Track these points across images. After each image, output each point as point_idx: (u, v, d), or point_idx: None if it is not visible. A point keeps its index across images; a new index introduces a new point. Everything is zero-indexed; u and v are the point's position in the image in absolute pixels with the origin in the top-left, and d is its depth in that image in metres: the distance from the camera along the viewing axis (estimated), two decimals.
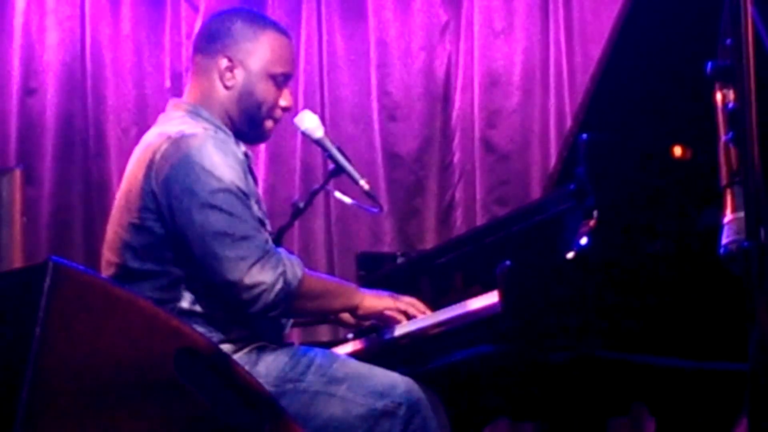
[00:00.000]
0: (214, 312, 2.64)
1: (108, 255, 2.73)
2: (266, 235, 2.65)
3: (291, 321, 2.89)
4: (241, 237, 2.57)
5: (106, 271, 2.72)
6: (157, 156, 2.63)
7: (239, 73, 2.79)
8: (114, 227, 2.73)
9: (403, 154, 4.84)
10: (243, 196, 2.62)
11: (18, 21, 4.66)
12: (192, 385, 2.00)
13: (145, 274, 2.64)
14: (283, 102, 2.83)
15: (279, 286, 2.58)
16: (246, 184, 2.66)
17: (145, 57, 4.82)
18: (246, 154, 2.78)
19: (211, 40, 2.82)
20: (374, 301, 2.81)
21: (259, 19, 2.93)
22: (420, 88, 4.88)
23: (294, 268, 2.63)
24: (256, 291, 2.56)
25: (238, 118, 2.79)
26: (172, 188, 2.60)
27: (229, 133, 2.77)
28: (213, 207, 2.57)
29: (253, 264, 2.55)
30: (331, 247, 4.78)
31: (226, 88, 2.78)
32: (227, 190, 2.59)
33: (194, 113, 2.76)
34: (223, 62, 2.78)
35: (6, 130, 4.59)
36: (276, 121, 2.85)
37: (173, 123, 2.73)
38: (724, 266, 1.82)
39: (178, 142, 2.63)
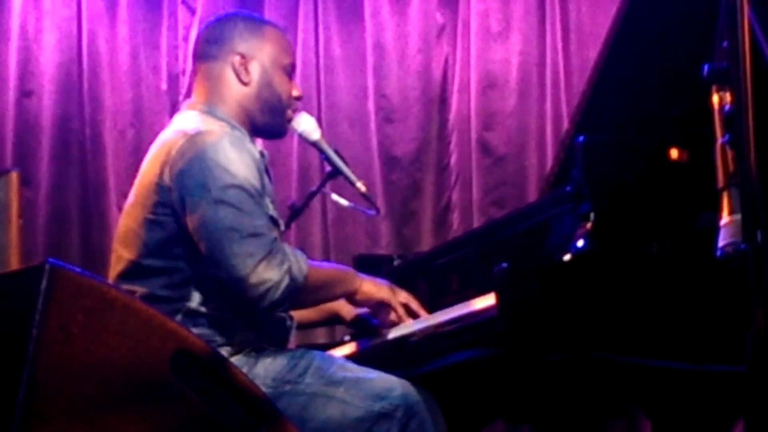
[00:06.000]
0: (221, 313, 2.64)
1: (120, 250, 2.73)
2: (275, 234, 2.65)
3: (295, 324, 2.89)
4: (249, 234, 2.56)
5: (117, 266, 2.72)
6: (173, 152, 2.64)
7: (254, 68, 2.82)
8: (127, 222, 2.73)
9: (400, 156, 4.85)
10: (255, 193, 2.62)
11: (15, 23, 4.66)
12: (189, 388, 2.00)
13: (156, 270, 2.64)
14: (296, 92, 2.90)
15: (285, 282, 2.57)
16: (260, 182, 2.66)
17: (142, 59, 4.83)
18: (261, 153, 2.79)
19: (218, 43, 2.84)
20: (372, 288, 2.82)
21: (255, 17, 3.02)
22: (417, 91, 4.88)
23: (299, 263, 2.63)
24: (263, 288, 2.55)
25: (260, 113, 2.82)
26: (185, 182, 2.61)
27: (245, 132, 2.79)
28: (223, 202, 2.57)
29: (260, 261, 2.55)
30: (327, 250, 4.79)
31: (244, 84, 2.81)
32: (239, 187, 2.59)
33: (209, 112, 2.78)
34: (237, 59, 2.80)
35: (3, 132, 4.59)
36: (294, 111, 2.90)
37: (190, 122, 2.74)
38: (722, 266, 1.81)
39: (194, 138, 2.64)
